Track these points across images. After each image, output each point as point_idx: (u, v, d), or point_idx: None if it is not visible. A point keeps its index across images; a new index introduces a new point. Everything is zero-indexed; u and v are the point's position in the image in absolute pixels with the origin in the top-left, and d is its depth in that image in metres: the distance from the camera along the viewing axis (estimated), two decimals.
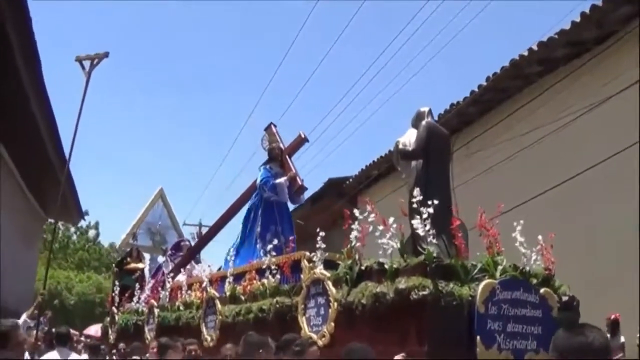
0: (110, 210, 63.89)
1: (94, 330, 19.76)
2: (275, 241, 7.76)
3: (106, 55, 8.92)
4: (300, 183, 9.24)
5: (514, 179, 10.09)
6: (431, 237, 5.34)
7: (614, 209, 8.49)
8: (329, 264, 6.51)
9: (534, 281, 5.78)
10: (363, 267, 5.85)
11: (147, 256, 14.63)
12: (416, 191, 5.59)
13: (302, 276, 6.80)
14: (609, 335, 7.81)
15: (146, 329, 10.33)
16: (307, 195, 10.26)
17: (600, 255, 8.57)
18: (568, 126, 9.21)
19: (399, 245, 5.67)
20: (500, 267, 5.55)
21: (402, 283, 5.18)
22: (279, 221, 9.06)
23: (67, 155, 9.51)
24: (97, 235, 41.20)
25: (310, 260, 6.75)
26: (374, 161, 13.42)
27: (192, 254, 11.26)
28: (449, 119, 11.25)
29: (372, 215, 5.85)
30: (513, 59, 9.97)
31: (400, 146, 6.63)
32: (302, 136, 9.63)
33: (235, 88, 68.44)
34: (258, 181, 9.30)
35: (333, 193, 13.54)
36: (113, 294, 12.53)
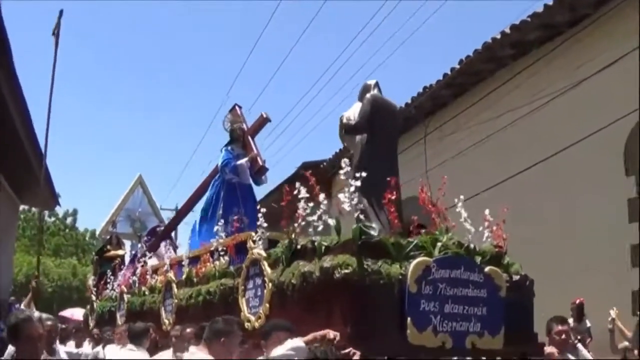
0: (88, 197, 65.56)
1: (69, 313, 19.67)
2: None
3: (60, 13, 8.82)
4: (261, 163, 8.94)
5: (487, 161, 10.03)
6: (358, 212, 4.98)
7: (588, 192, 8.41)
8: (275, 244, 6.21)
9: (479, 259, 5.43)
10: (299, 247, 5.53)
11: (127, 243, 14.48)
12: (343, 163, 5.20)
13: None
14: (571, 320, 7.58)
15: (117, 315, 10.16)
16: (282, 178, 9.96)
17: (573, 239, 8.37)
18: (541, 109, 9.10)
19: (334, 222, 5.34)
20: (439, 244, 5.20)
21: (327, 261, 4.86)
22: (241, 203, 8.77)
23: (40, 139, 9.30)
24: (75, 221, 41.53)
25: (255, 241, 6.45)
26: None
27: (161, 238, 11.04)
28: (422, 102, 11.30)
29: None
30: (486, 42, 9.91)
31: (345, 120, 6.33)
32: (264, 116, 9.34)
33: (210, 74, 69.42)
34: (219, 163, 9.03)
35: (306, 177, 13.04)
36: (93, 282, 12.40)
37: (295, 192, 5.27)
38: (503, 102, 9.92)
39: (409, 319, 4.76)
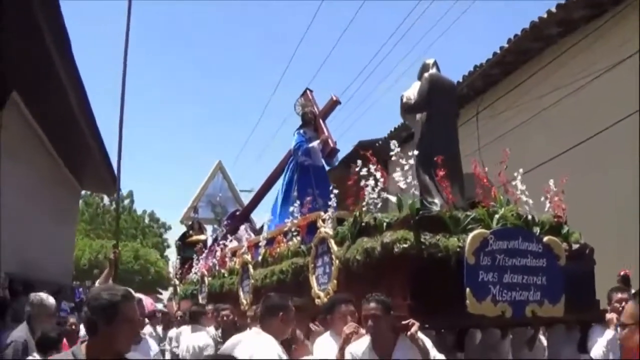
0: (142, 179, 68.00)
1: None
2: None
3: None
4: (332, 145, 9.22)
5: (537, 138, 10.09)
6: (413, 189, 5.20)
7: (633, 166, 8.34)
8: (343, 222, 6.47)
9: (538, 230, 5.56)
10: (363, 224, 5.78)
11: (209, 228, 15.02)
12: (393, 144, 5.41)
13: None
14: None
15: (200, 297, 10.67)
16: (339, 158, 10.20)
17: (617, 212, 8.57)
18: (587, 86, 9.14)
19: (395, 199, 5.57)
20: (497, 217, 5.37)
21: (387, 237, 5.10)
22: (315, 184, 9.07)
23: (97, 125, 9.64)
24: (132, 203, 42.33)
25: (324, 221, 6.74)
26: (403, 123, 13.16)
27: (240, 222, 11.45)
28: (473, 80, 11.45)
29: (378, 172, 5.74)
30: (533, 21, 9.95)
31: (405, 100, 6.51)
32: (334, 99, 9.65)
33: (264, 56, 72.57)
34: (292, 146, 9.36)
35: (364, 155, 13.17)
36: (175, 267, 12.99)
37: (358, 170, 5.51)
38: (551, 80, 9.97)
39: (467, 289, 4.95)
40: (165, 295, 29.97)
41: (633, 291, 7.65)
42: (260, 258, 8.21)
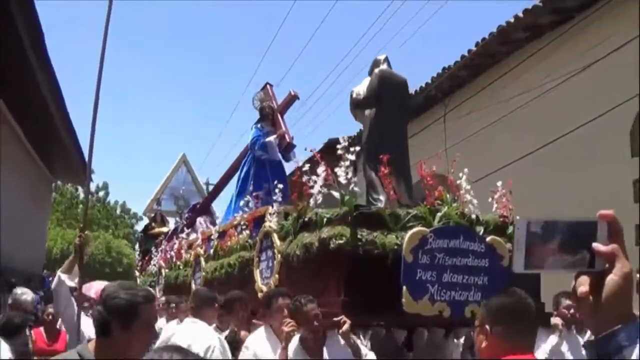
0: (118, 170, 67.70)
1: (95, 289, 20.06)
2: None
3: None
4: (288, 140, 9.14)
5: (503, 140, 10.18)
6: (352, 185, 5.11)
7: (596, 171, 8.44)
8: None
9: (482, 229, 5.48)
10: (306, 219, 5.69)
11: (171, 220, 14.89)
12: (341, 139, 5.33)
13: None
14: None
15: (156, 289, 10.57)
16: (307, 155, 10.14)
17: (581, 212, 8.33)
18: (553, 90, 9.24)
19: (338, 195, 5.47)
20: (439, 215, 5.29)
21: (324, 232, 5.01)
22: (271, 179, 8.98)
23: (68, 115, 9.56)
24: (107, 195, 42.02)
25: (270, 215, 6.64)
26: None
27: (197, 215, 11.37)
28: (441, 82, 11.57)
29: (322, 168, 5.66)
30: (500, 25, 10.08)
31: (354, 95, 6.43)
32: (292, 94, 9.61)
33: (240, 46, 73.32)
34: (249, 141, 9.27)
35: (333, 153, 13.17)
36: (138, 258, 12.90)
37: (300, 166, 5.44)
38: (517, 83, 10.08)
39: (404, 287, 4.87)
40: None
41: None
42: (212, 251, 8.12)
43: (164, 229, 13.91)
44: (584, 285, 1.21)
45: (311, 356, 4.44)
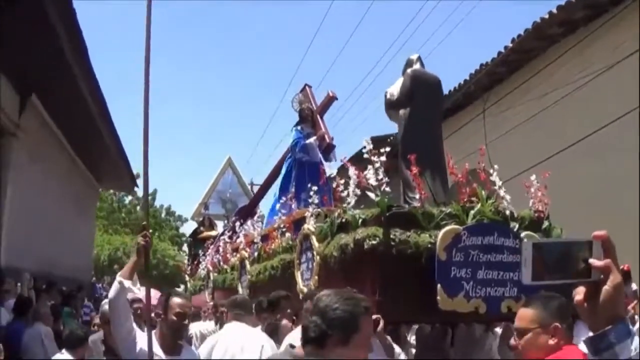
0: (163, 175, 69.45)
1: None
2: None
3: None
4: (328, 141, 9.25)
5: (541, 134, 10.27)
6: (384, 186, 5.19)
7: (631, 162, 8.46)
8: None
9: (517, 225, 5.50)
10: (343, 220, 5.79)
11: (219, 224, 15.10)
12: (365, 142, 5.42)
13: None
14: None
15: (206, 293, 10.79)
16: (350, 153, 10.29)
17: (615, 208, 8.61)
18: (588, 84, 9.34)
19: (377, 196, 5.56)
20: (472, 212, 5.33)
21: (359, 233, 5.11)
22: (309, 181, 9.10)
23: (114, 125, 9.91)
24: (153, 200, 42.58)
25: (309, 217, 6.76)
26: None
27: (245, 217, 11.52)
28: (480, 78, 11.73)
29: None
30: (535, 21, 10.24)
31: (388, 96, 6.50)
32: (331, 95, 9.71)
33: (281, 48, 74.86)
34: (289, 143, 9.41)
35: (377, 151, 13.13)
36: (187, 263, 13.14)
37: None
38: (554, 78, 10.14)
39: (438, 285, 4.93)
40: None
41: (634, 287, 7.60)
42: (256, 254, 8.28)
43: (213, 233, 14.12)
44: (579, 294, 1.45)
45: None
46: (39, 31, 8.83)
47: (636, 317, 6.46)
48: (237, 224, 10.17)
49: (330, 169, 6.55)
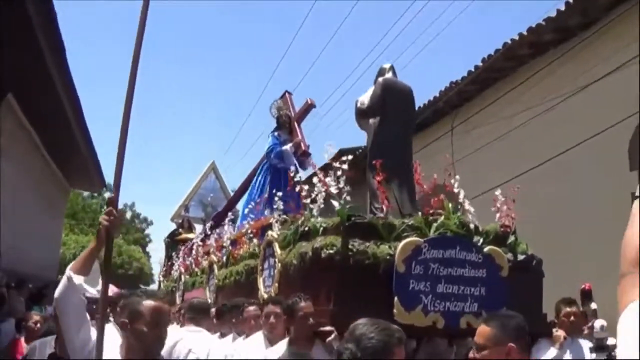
0: (130, 174, 67.78)
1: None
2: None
3: None
4: (304, 149, 9.16)
5: (508, 154, 10.44)
6: (345, 194, 5.11)
7: (597, 185, 8.73)
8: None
9: (481, 239, 5.43)
10: (306, 228, 5.70)
11: (198, 227, 15.02)
12: (329, 146, 5.34)
13: None
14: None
15: (177, 295, 10.70)
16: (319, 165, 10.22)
17: (582, 226, 8.79)
18: (556, 107, 9.54)
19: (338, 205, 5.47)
20: (435, 225, 5.25)
21: (317, 242, 5.02)
22: (284, 187, 9.02)
23: (87, 127, 9.84)
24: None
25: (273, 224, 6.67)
26: None
27: (217, 221, 11.44)
28: (450, 96, 11.91)
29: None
30: (506, 42, 10.39)
31: (358, 105, 6.43)
32: (309, 102, 9.64)
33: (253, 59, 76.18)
34: (265, 149, 9.34)
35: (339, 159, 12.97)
36: (161, 264, 13.06)
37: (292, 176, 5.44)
38: (522, 99, 10.34)
39: (395, 298, 4.85)
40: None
41: (594, 306, 7.56)
42: (224, 258, 8.19)
43: (191, 235, 14.02)
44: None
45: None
46: (17, 31, 8.72)
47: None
48: (208, 226, 10.09)
49: (298, 175, 6.48)
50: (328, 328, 4.51)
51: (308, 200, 5.40)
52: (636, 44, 7.90)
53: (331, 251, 4.82)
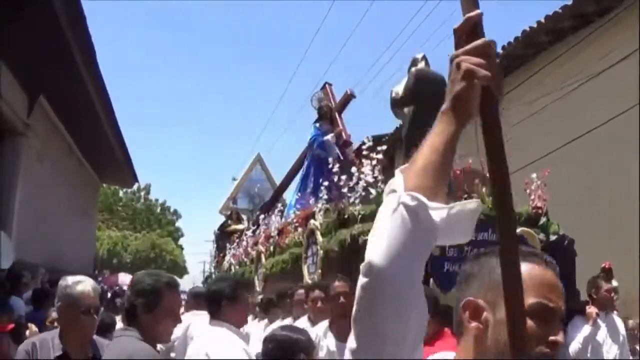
0: (159, 170, 73.08)
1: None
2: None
3: None
4: (345, 138, 9.42)
5: (533, 136, 10.57)
6: (380, 182, 5.38)
7: (616, 164, 8.95)
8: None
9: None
10: (346, 216, 5.99)
11: (247, 218, 15.33)
12: (366, 139, 5.61)
13: None
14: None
15: None
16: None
17: (600, 205, 9.05)
18: (574, 92, 9.70)
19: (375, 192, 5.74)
20: None
21: (355, 229, 5.31)
22: (328, 177, 9.28)
23: (118, 124, 10.13)
24: (147, 193, 43.27)
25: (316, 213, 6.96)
26: None
27: (266, 212, 11.73)
28: None
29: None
30: (524, 30, 10.69)
31: (393, 94, 6.65)
32: (349, 93, 9.87)
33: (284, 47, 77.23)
34: (308, 139, 9.62)
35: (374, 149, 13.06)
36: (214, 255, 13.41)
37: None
38: (542, 85, 10.48)
39: (431, 280, 5.10)
40: (180, 283, 30.64)
41: (615, 283, 7.69)
42: (272, 248, 8.51)
43: (240, 227, 14.31)
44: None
45: (337, 338, 4.74)
46: (48, 33, 9.00)
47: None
48: (261, 217, 10.38)
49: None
50: None
51: (345, 190, 5.66)
52: None
53: (366, 237, 5.07)
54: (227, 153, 76.14)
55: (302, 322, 5.33)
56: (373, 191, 5.75)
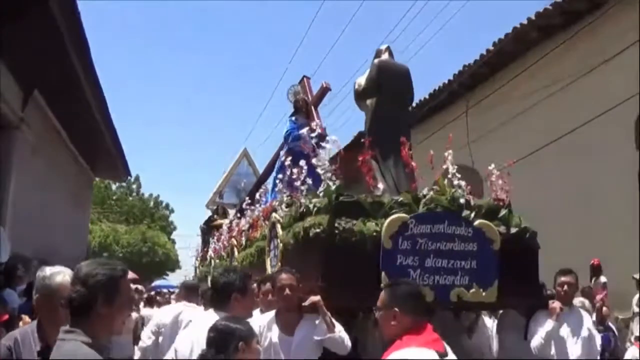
0: (148, 162, 73.10)
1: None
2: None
3: None
4: (320, 132, 9.30)
5: (520, 133, 10.87)
6: (330, 175, 5.29)
7: (604, 162, 9.14)
8: None
9: (472, 214, 5.51)
10: (304, 209, 5.89)
11: (232, 213, 15.29)
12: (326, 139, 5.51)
13: None
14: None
15: (208, 278, 11.02)
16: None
17: (591, 202, 9.21)
18: (564, 89, 9.98)
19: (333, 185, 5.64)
20: (423, 201, 5.38)
21: (307, 222, 5.22)
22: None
23: (111, 118, 10.15)
24: (139, 187, 43.48)
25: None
26: None
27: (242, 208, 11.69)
28: (463, 79, 12.46)
29: None
30: (515, 27, 10.83)
31: (356, 86, 6.58)
32: (325, 85, 9.80)
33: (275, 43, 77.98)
34: (283, 133, 9.54)
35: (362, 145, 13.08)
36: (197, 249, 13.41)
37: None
38: (533, 80, 10.72)
39: (382, 273, 5.01)
40: (172, 277, 31.00)
41: (603, 279, 7.61)
42: (243, 241, 8.45)
43: (226, 221, 14.31)
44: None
45: (282, 330, 4.68)
46: (43, 28, 9.01)
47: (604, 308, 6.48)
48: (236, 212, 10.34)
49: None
50: (313, 298, 4.68)
51: (298, 183, 5.57)
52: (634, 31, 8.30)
53: (318, 230, 5.02)
54: (220, 146, 76.30)
55: (255, 314, 5.26)
56: (330, 183, 5.66)
